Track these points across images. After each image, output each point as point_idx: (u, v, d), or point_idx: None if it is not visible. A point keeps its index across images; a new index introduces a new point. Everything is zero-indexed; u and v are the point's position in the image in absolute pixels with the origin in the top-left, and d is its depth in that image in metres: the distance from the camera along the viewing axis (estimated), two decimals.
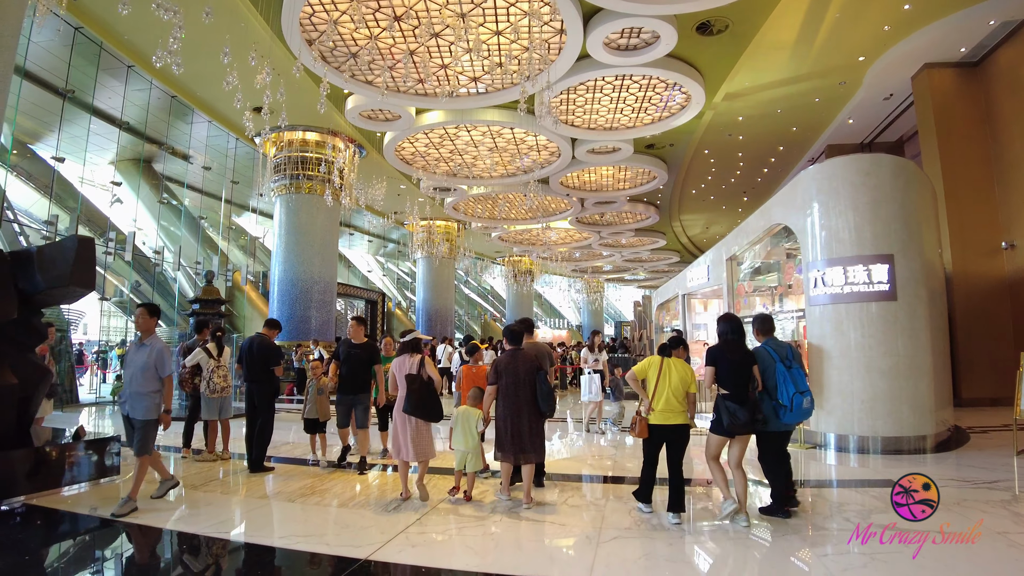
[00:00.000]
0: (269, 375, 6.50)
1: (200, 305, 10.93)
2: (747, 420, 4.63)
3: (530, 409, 5.24)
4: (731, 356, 4.77)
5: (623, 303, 54.35)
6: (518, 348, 5.46)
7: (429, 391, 5.41)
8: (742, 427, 4.66)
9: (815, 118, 15.66)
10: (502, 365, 5.34)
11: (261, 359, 6.48)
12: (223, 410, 6.88)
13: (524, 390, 5.25)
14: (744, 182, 21.10)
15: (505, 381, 5.29)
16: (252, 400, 6.51)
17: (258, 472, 6.51)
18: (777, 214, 8.46)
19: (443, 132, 14.73)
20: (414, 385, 5.34)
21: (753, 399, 4.72)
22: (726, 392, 4.72)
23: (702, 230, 28.57)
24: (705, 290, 11.07)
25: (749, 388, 4.73)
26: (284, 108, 9.29)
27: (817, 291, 7.57)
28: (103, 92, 14.75)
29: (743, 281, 9.64)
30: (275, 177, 16.52)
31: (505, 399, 5.28)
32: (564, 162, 16.22)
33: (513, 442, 5.21)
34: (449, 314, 26.12)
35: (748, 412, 4.64)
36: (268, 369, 6.49)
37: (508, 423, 5.24)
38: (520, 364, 5.31)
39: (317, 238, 16.39)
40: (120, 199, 21.00)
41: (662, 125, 14.26)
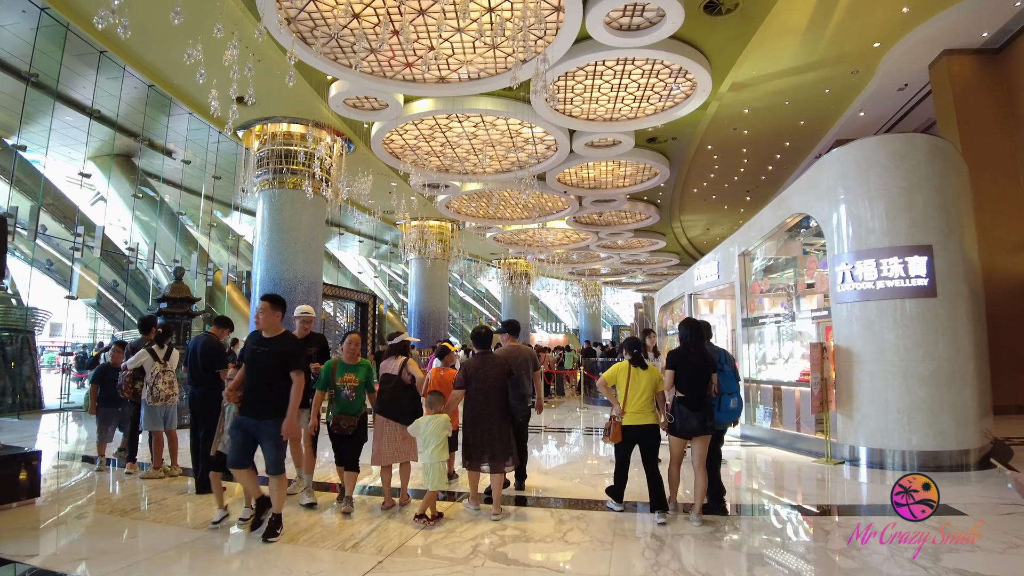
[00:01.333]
0: (214, 380, 5.67)
1: (168, 304, 10.07)
2: (698, 425, 4.85)
3: (500, 415, 5.07)
4: (691, 360, 4.94)
5: (621, 307, 53.57)
6: (487, 351, 5.31)
7: (403, 392, 5.23)
8: (693, 431, 4.88)
9: (824, 111, 14.93)
10: (471, 369, 5.15)
11: (205, 361, 5.66)
12: (168, 419, 6.04)
13: (494, 395, 5.07)
14: (748, 180, 20.38)
15: (474, 386, 5.11)
16: (194, 408, 5.67)
17: (206, 492, 5.66)
18: (797, 203, 7.68)
19: (433, 123, 13.93)
20: (388, 384, 5.22)
21: (708, 403, 4.90)
22: (682, 395, 4.89)
23: (703, 231, 27.84)
24: (714, 289, 10.28)
25: (707, 392, 4.90)
26: (252, 84, 8.43)
27: (845, 287, 6.78)
28: (72, 79, 13.93)
29: (757, 279, 8.84)
30: (257, 172, 15.72)
31: (474, 405, 5.11)
32: (561, 156, 15.43)
33: (482, 449, 5.02)
34: (442, 317, 25.27)
35: (700, 416, 4.84)
36: (213, 373, 5.66)
37: (477, 430, 5.04)
38: (490, 368, 5.14)
39: (301, 236, 15.55)
40: (104, 197, 20.19)
41: (665, 115, 13.48)
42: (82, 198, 16.51)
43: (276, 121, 15.25)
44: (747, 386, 8.85)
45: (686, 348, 5.01)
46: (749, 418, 8.80)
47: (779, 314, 8.46)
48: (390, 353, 5.49)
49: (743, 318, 8.80)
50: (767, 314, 8.66)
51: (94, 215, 17.92)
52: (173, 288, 10.18)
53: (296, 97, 13.42)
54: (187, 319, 9.99)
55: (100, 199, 20.64)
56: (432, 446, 4.92)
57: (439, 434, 4.96)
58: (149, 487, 5.90)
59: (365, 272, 31.49)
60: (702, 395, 4.87)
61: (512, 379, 5.20)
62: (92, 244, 12.47)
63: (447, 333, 26.29)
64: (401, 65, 11.28)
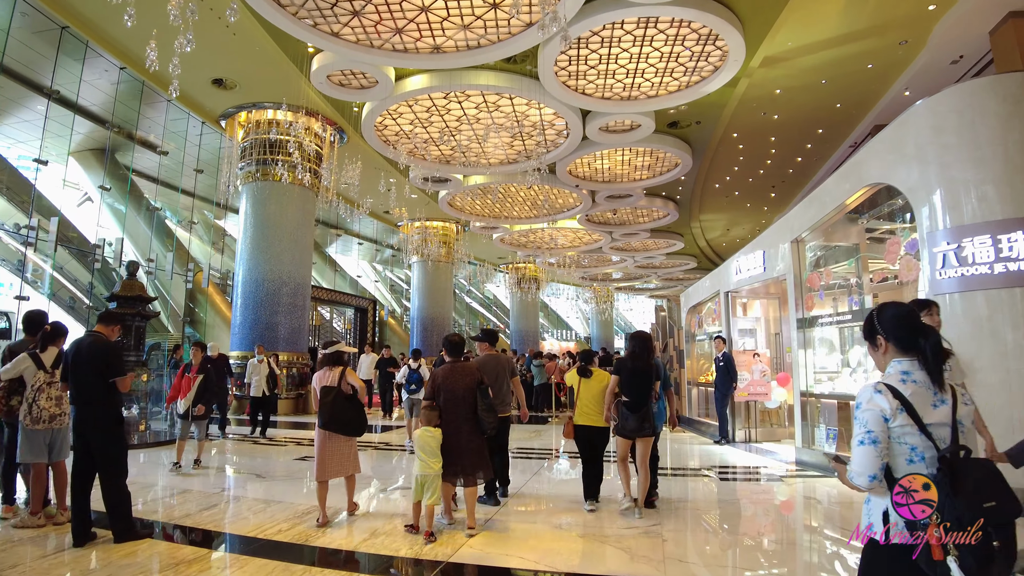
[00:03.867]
0: (106, 393, 4.22)
1: (118, 303, 8.64)
2: (636, 426, 5.25)
3: (469, 427, 4.93)
4: (632, 366, 5.34)
5: (633, 314, 51.83)
6: (457, 360, 5.19)
7: (348, 403, 5.12)
8: (631, 431, 5.29)
9: (865, 90, 13.36)
10: (439, 379, 5.05)
11: (92, 369, 4.20)
12: (55, 448, 4.56)
13: (462, 406, 4.94)
14: (774, 174, 18.81)
15: (443, 397, 4.99)
16: (81, 432, 4.21)
17: (126, 540, 4.22)
18: (873, 171, 6.12)
19: (430, 104, 12.49)
20: (328, 397, 5.06)
21: (647, 407, 5.29)
22: (626, 399, 5.29)
23: (722, 232, 26.25)
24: (757, 285, 8.72)
25: (648, 397, 5.28)
26: (192, 30, 7.01)
27: (946, 273, 5.22)
28: (31, 58, 12.63)
29: (816, 269, 7.26)
30: (240, 163, 14.37)
31: (444, 416, 4.97)
32: (573, 143, 13.93)
33: (451, 462, 4.86)
34: (446, 323, 23.80)
35: (638, 419, 5.25)
36: (105, 384, 4.20)
37: (447, 440, 4.89)
38: (458, 378, 5.01)
39: (287, 232, 14.17)
40: (90, 198, 18.93)
41: (691, 92, 11.97)
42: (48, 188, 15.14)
43: (261, 108, 13.93)
44: (803, 400, 7.28)
45: (631, 357, 5.45)
46: (806, 440, 7.22)
47: (844, 312, 6.91)
48: (324, 364, 5.28)
49: (798, 318, 7.24)
50: (828, 313, 7.11)
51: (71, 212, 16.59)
52: (125, 285, 8.77)
53: (281, 81, 12.07)
54: (140, 320, 8.56)
55: (87, 200, 19.41)
56: (430, 458, 4.78)
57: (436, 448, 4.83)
58: (21, 539, 4.42)
59: (365, 276, 30.07)
60: (640, 400, 5.27)
61: (482, 389, 4.99)
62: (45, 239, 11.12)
63: None
64: (390, 32, 9.86)
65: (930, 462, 2.00)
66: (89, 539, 4.24)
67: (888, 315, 2.16)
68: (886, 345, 2.15)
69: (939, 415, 2.02)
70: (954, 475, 1.92)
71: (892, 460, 2.05)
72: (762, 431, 9.27)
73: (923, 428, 2.00)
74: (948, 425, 2.01)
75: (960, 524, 1.85)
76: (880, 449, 2.02)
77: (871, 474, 2.03)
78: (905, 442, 2.02)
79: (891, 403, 2.03)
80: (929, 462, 2.00)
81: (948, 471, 1.93)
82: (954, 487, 1.90)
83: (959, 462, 1.95)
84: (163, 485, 6.53)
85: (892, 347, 2.13)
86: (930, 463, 2.00)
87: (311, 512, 5.31)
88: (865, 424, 2.04)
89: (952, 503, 1.88)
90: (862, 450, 2.04)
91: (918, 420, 2.00)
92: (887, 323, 2.15)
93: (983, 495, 1.87)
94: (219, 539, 4.62)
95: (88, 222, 15.79)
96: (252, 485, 6.69)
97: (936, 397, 2.04)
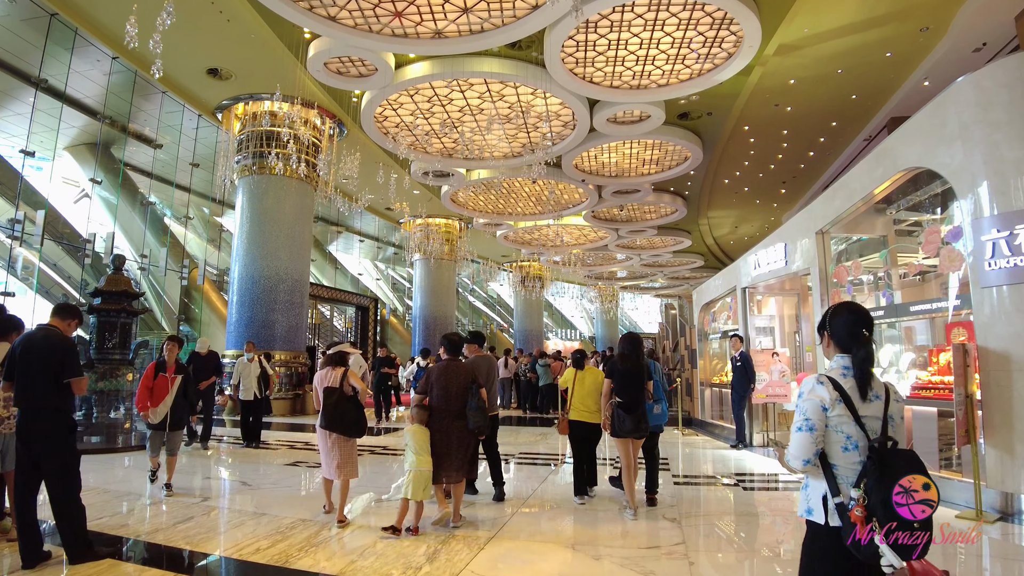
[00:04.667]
0: (58, 395, 3.77)
1: (102, 299, 8.20)
2: (632, 427, 5.27)
3: (460, 425, 4.95)
4: (623, 368, 5.39)
5: (638, 313, 51.25)
6: (454, 358, 5.20)
7: (350, 404, 5.15)
8: (628, 432, 5.29)
9: (882, 80, 12.85)
10: (434, 376, 5.06)
11: (43, 368, 3.74)
12: (7, 456, 4.11)
13: (454, 404, 4.97)
14: (784, 170, 18.31)
15: (435, 394, 5.01)
16: (26, 439, 3.76)
17: (82, 561, 3.76)
18: (910, 154, 5.62)
19: (432, 94, 12.03)
20: (331, 399, 5.10)
21: (642, 408, 5.33)
22: (620, 400, 5.31)
23: (730, 230, 25.72)
24: (777, 279, 8.22)
25: (641, 398, 5.33)
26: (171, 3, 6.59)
27: (997, 263, 4.73)
28: (20, 46, 12.22)
29: (843, 261, 6.76)
30: (237, 156, 13.95)
31: (435, 414, 4.99)
32: (580, 135, 13.45)
33: (440, 461, 4.89)
34: (449, 322, 23.35)
35: (634, 420, 5.27)
36: (57, 385, 3.74)
37: (437, 439, 4.93)
38: (452, 376, 5.02)
39: (285, 227, 13.73)
40: (87, 194, 18.55)
41: (703, 80, 11.49)
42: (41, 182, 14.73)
43: (258, 99, 13.50)
44: None
45: (621, 358, 5.48)
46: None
47: (875, 309, 6.41)
48: (326, 364, 5.31)
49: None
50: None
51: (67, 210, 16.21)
52: (110, 280, 8.31)
53: (277, 70, 11.61)
54: (127, 317, 8.11)
55: (84, 196, 19.03)
56: (416, 454, 4.81)
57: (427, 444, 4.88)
58: None
59: (366, 274, 29.61)
60: (635, 401, 5.31)
61: (474, 388, 5.01)
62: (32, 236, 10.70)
63: None
64: (389, 15, 9.41)
65: (862, 451, 2.17)
66: (41, 559, 3.77)
67: (840, 319, 2.33)
68: (829, 341, 2.35)
69: (872, 409, 2.20)
70: (882, 463, 2.09)
71: (828, 447, 2.19)
72: (780, 434, 8.78)
73: (858, 419, 2.17)
74: (880, 418, 2.19)
75: (885, 506, 2.05)
76: (816, 436, 2.17)
77: (805, 458, 2.18)
78: (841, 431, 2.18)
79: (831, 394, 2.18)
80: (862, 451, 2.17)
81: (877, 459, 2.10)
82: (881, 473, 2.07)
83: (887, 451, 2.11)
84: (137, 493, 6.08)
85: (835, 346, 2.33)
86: (862, 452, 2.17)
87: (296, 526, 4.86)
88: (804, 412, 2.20)
89: (878, 487, 2.07)
90: (799, 436, 2.19)
91: (854, 411, 2.17)
92: (834, 325, 2.34)
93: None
94: (190, 559, 4.15)
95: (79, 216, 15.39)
96: (237, 494, 6.25)
97: (871, 392, 2.21)
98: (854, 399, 2.19)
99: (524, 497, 6.05)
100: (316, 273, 24.42)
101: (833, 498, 2.17)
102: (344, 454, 5.11)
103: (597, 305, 39.02)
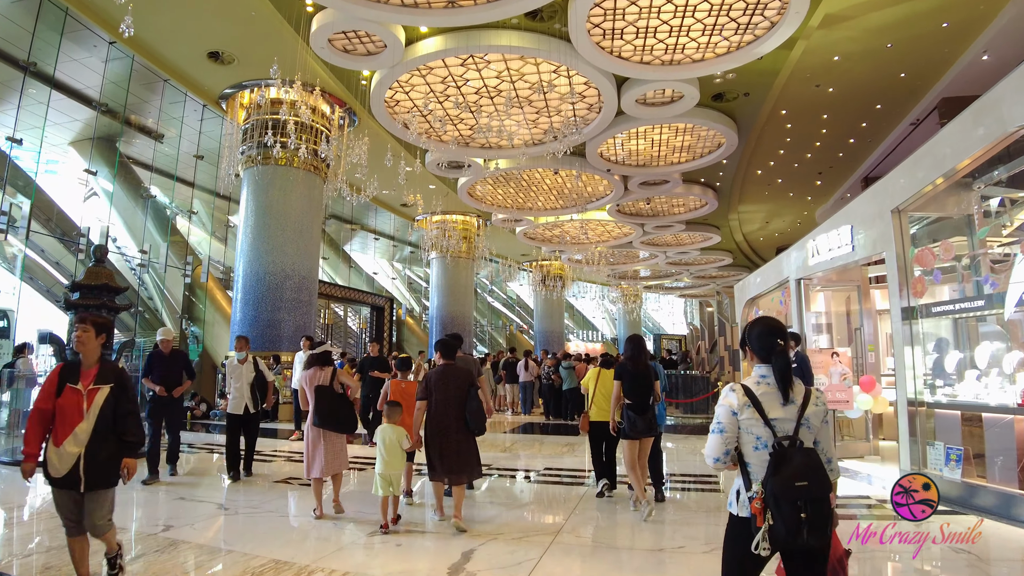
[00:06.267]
0: None
1: (80, 293, 7.41)
2: (644, 427, 5.55)
3: (458, 427, 5.00)
4: (632, 370, 5.64)
5: (661, 314, 49.93)
6: (451, 363, 5.21)
7: (341, 402, 5.36)
8: (640, 432, 5.55)
9: (935, 55, 11.70)
10: (433, 380, 5.06)
11: None
12: None
13: (453, 407, 5.00)
14: (821, 159, 17.17)
15: (436, 398, 5.01)
16: None
17: None
18: (1016, 112, 4.57)
19: (446, 74, 11.14)
20: (323, 396, 5.25)
21: (652, 408, 5.63)
22: (629, 402, 5.60)
23: (761, 225, 24.52)
24: (845, 265, 7.13)
25: (650, 398, 5.63)
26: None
27: None
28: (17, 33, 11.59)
29: (929, 245, 5.70)
30: (241, 146, 13.21)
31: (434, 417, 5.01)
32: (607, 119, 12.46)
33: (442, 463, 4.96)
34: (467, 323, 22.47)
35: (645, 421, 5.55)
36: None
37: (436, 442, 4.97)
38: (451, 380, 5.06)
39: (292, 220, 12.95)
40: (96, 192, 18.02)
41: (742, 55, 10.46)
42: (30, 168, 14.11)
43: (262, 86, 12.74)
44: (911, 411, 5.73)
45: (630, 361, 5.67)
46: (916, 462, 5.66)
47: (971, 299, 5.34)
48: (313, 363, 5.46)
49: (903, 307, 5.68)
50: (947, 301, 5.56)
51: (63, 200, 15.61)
52: (89, 273, 7.51)
53: (281, 51, 10.79)
54: (108, 313, 7.31)
55: (92, 195, 18.52)
56: (391, 456, 4.93)
57: (398, 444, 5.01)
58: None
59: (382, 273, 28.84)
60: (645, 401, 5.56)
61: (473, 391, 5.10)
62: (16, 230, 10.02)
63: (473, 341, 23.48)
64: None
65: (770, 449, 2.41)
66: None
67: (754, 333, 2.60)
68: (751, 354, 2.59)
69: (786, 412, 2.42)
70: (779, 459, 2.33)
71: (742, 446, 2.45)
72: (840, 445, 7.70)
73: (767, 421, 2.40)
74: (793, 421, 2.41)
75: (775, 498, 2.27)
76: (726, 437, 2.43)
77: (715, 456, 2.46)
78: (751, 432, 2.42)
79: (740, 400, 2.45)
80: (769, 449, 2.39)
81: (776, 456, 2.34)
82: (775, 469, 2.32)
83: (785, 450, 2.35)
84: None
85: (756, 358, 2.57)
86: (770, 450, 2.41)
87: (267, 568, 3.95)
88: (717, 416, 2.49)
89: (772, 481, 2.30)
90: (712, 437, 2.47)
91: (763, 415, 2.41)
92: (752, 339, 2.59)
93: (798, 476, 2.27)
94: None
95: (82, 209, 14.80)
96: (206, 522, 5.27)
97: (792, 396, 2.44)
98: (770, 404, 2.39)
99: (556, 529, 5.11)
100: (330, 272, 23.71)
101: (746, 492, 2.40)
102: (336, 449, 5.30)
103: (620, 306, 37.89)
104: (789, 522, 2.21)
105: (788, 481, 2.23)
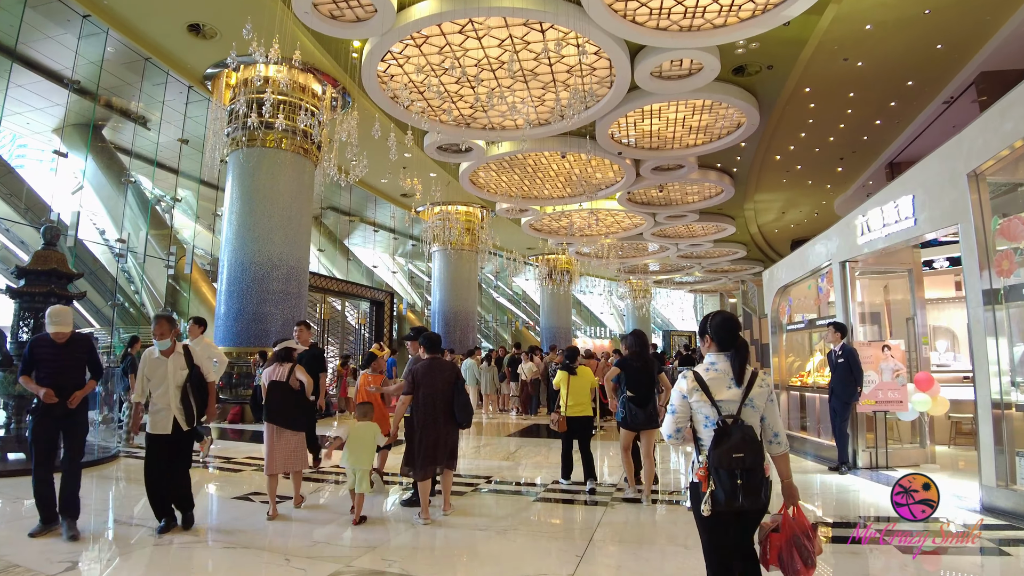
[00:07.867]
0: None
1: (27, 280, 6.53)
2: (645, 419, 5.66)
3: (446, 422, 5.07)
4: (634, 364, 5.75)
5: (671, 310, 48.84)
6: (436, 357, 5.23)
7: (294, 398, 5.33)
8: (640, 424, 5.68)
9: (979, 21, 10.70)
10: (419, 375, 5.07)
11: None
12: None
13: (441, 401, 5.07)
14: (844, 143, 16.17)
15: (423, 392, 5.05)
16: None
17: None
18: None
19: (443, 43, 10.20)
20: (275, 392, 5.28)
21: (653, 401, 5.72)
22: (631, 394, 5.71)
23: (777, 216, 23.52)
24: (906, 242, 6.14)
25: (653, 391, 5.75)
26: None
27: None
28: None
29: (1015, 215, 4.72)
30: (226, 128, 12.34)
31: (421, 410, 5.03)
32: (619, 94, 11.49)
33: (427, 455, 4.98)
34: (471, 318, 21.57)
35: (646, 412, 5.66)
36: None
37: (423, 435, 4.99)
38: (438, 374, 5.12)
39: (279, 206, 12.07)
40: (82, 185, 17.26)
41: (768, 19, 9.48)
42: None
43: (248, 63, 11.83)
44: (996, 414, 4.77)
45: (631, 354, 5.83)
46: (1003, 475, 4.70)
47: None
48: (274, 360, 5.48)
49: (984, 289, 4.71)
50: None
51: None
52: (38, 256, 6.62)
53: (266, 24, 9.90)
54: (58, 302, 6.40)
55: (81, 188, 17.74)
56: (362, 452, 5.00)
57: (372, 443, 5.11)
58: None
59: (382, 266, 27.94)
60: (648, 394, 5.70)
61: (459, 385, 5.17)
62: None
63: (476, 336, 22.57)
64: None
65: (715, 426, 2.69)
66: None
67: (715, 323, 2.88)
68: (711, 342, 2.86)
69: (730, 394, 2.71)
70: (720, 435, 2.63)
71: (696, 424, 2.77)
72: (892, 451, 6.73)
73: (714, 402, 2.70)
74: (737, 402, 2.69)
75: (715, 467, 2.60)
76: (676, 417, 2.76)
77: (668, 433, 2.78)
78: (701, 412, 2.73)
79: (690, 384, 2.75)
80: (715, 426, 2.67)
81: (717, 432, 2.64)
82: (716, 443, 2.62)
83: (726, 426, 2.64)
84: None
85: (714, 345, 2.84)
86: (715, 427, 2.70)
87: None
88: (672, 399, 2.81)
89: (713, 453, 2.62)
90: (667, 417, 2.80)
91: (710, 396, 2.70)
92: (713, 328, 2.87)
93: (735, 449, 2.58)
94: None
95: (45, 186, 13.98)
96: (137, 553, 4.22)
97: (732, 381, 2.72)
98: (717, 387, 2.71)
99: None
100: (327, 264, 22.81)
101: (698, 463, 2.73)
102: (292, 445, 5.28)
103: (628, 301, 36.88)
104: (727, 487, 2.54)
105: (726, 453, 2.56)
